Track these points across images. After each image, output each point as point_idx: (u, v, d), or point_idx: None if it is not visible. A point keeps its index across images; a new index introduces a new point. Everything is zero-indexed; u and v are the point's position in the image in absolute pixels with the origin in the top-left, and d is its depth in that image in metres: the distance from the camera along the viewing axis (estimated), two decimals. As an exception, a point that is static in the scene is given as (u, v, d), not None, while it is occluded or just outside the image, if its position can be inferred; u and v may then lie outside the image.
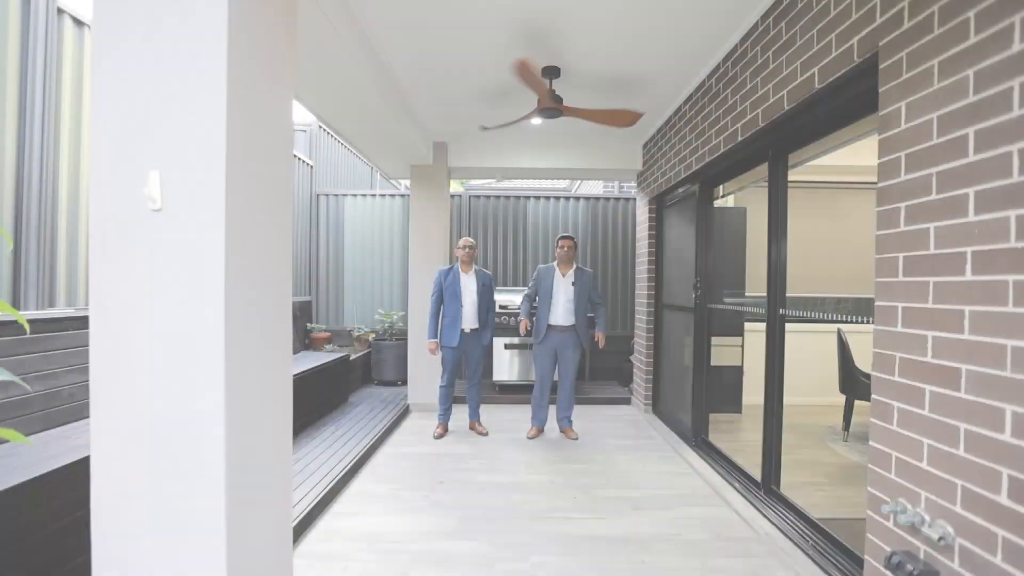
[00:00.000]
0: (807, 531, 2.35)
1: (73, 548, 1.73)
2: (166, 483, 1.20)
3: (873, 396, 1.71)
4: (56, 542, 1.69)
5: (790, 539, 2.36)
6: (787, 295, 2.71)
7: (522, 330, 4.00)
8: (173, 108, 1.17)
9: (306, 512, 2.52)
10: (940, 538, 1.37)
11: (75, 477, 1.75)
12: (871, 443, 1.72)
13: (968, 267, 1.35)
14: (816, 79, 2.08)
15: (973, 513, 1.31)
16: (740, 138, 2.81)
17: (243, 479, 1.25)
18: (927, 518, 1.45)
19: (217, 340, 1.16)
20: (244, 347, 1.25)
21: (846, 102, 2.04)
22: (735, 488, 2.95)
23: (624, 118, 3.24)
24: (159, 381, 1.19)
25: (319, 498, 2.69)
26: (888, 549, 1.59)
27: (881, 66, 1.69)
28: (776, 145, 2.65)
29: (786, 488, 2.70)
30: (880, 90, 1.70)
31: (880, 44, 1.70)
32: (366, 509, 2.72)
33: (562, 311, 3.90)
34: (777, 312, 2.70)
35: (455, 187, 9.76)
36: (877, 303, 1.70)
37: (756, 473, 2.90)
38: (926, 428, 1.48)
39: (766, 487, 2.76)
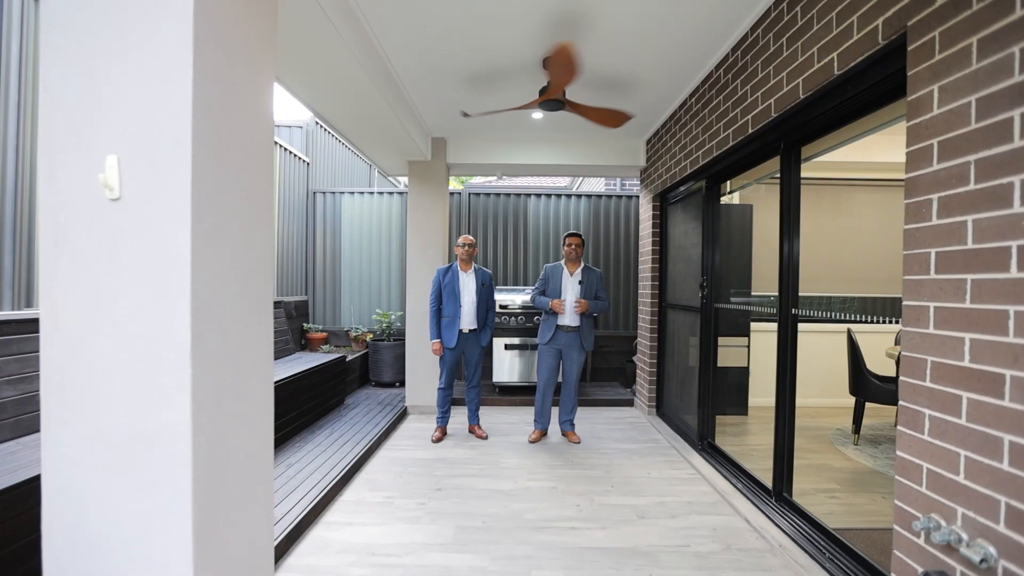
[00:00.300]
0: (823, 542, 2.23)
1: (30, 574, 1.60)
2: (126, 502, 1.08)
3: (900, 402, 1.59)
4: (10, 566, 1.56)
5: (805, 551, 2.24)
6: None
7: (558, 308, 3.75)
8: (133, 86, 1.05)
9: (296, 522, 2.40)
10: (982, 560, 1.25)
11: (37, 493, 1.62)
12: (898, 453, 1.60)
13: (1014, 263, 1.23)
14: (835, 65, 1.96)
15: (1020, 533, 1.19)
16: (751, 130, 2.69)
17: (214, 496, 1.13)
18: (964, 537, 1.33)
19: (183, 343, 1.04)
20: (215, 350, 1.13)
21: (868, 88, 1.92)
22: (744, 495, 2.83)
23: (613, 119, 3.20)
24: (118, 389, 1.07)
25: (310, 507, 2.57)
26: (919, 569, 1.47)
27: (910, 47, 1.57)
28: (789, 137, 2.53)
29: (798, 495, 2.59)
30: (909, 73, 1.58)
31: (909, 24, 1.58)
32: (360, 519, 2.60)
33: (569, 311, 3.79)
34: (789, 312, 2.58)
35: (455, 185, 9.64)
36: (905, 303, 1.58)
37: (766, 479, 2.78)
38: (963, 438, 1.36)
39: (777, 494, 2.64)
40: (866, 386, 3.58)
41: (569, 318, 3.78)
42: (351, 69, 2.74)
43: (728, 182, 3.58)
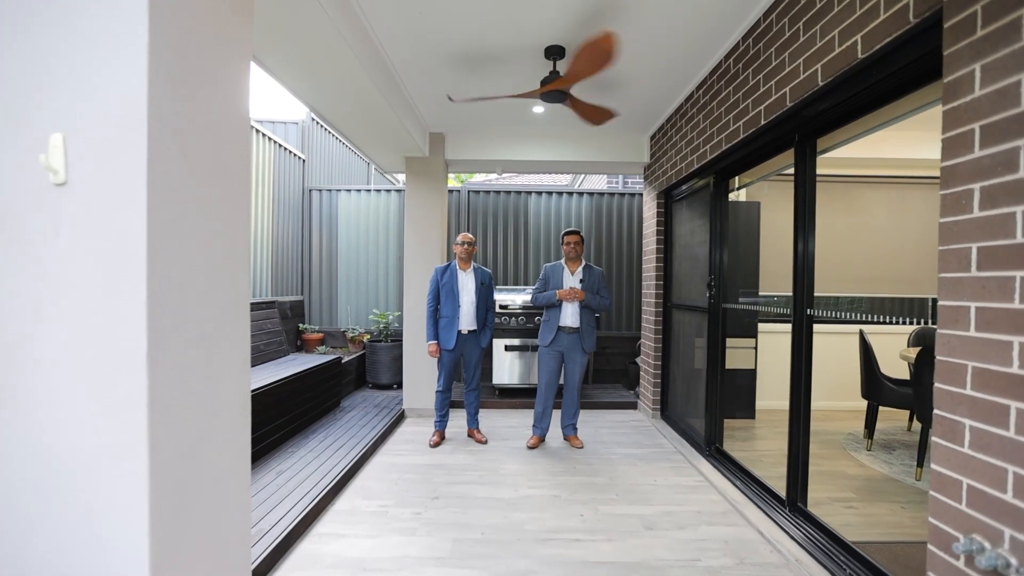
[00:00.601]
0: (843, 557, 2.10)
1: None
2: (73, 529, 0.95)
3: (936, 411, 1.47)
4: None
5: (824, 566, 2.11)
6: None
7: (566, 296, 3.60)
8: (81, 55, 0.92)
9: (284, 535, 2.27)
10: (1038, 590, 1.12)
11: None
12: (933, 466, 1.47)
13: (1074, 258, 1.10)
14: (859, 48, 1.83)
15: (1083, 562, 1.06)
16: (763, 122, 2.56)
17: (176, 521, 1.00)
18: (1014, 562, 1.20)
19: (138, 348, 0.91)
20: (178, 356, 1.00)
21: (894, 73, 1.79)
22: (756, 504, 2.70)
23: (596, 115, 3.10)
24: (63, 401, 0.94)
25: (300, 517, 2.44)
26: (960, 595, 1.34)
27: (946, 24, 1.44)
28: (804, 128, 2.40)
29: (812, 505, 2.46)
30: (945, 53, 1.45)
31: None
32: (352, 530, 2.47)
33: (571, 312, 3.65)
34: (804, 313, 2.45)
35: (454, 183, 9.52)
36: (941, 303, 1.45)
37: (778, 487, 2.65)
38: (1011, 452, 1.23)
39: (791, 504, 2.51)
40: (880, 390, 3.44)
41: (571, 319, 3.66)
42: (345, 59, 2.61)
43: (736, 178, 3.45)
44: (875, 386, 3.48)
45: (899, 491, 2.84)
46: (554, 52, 2.98)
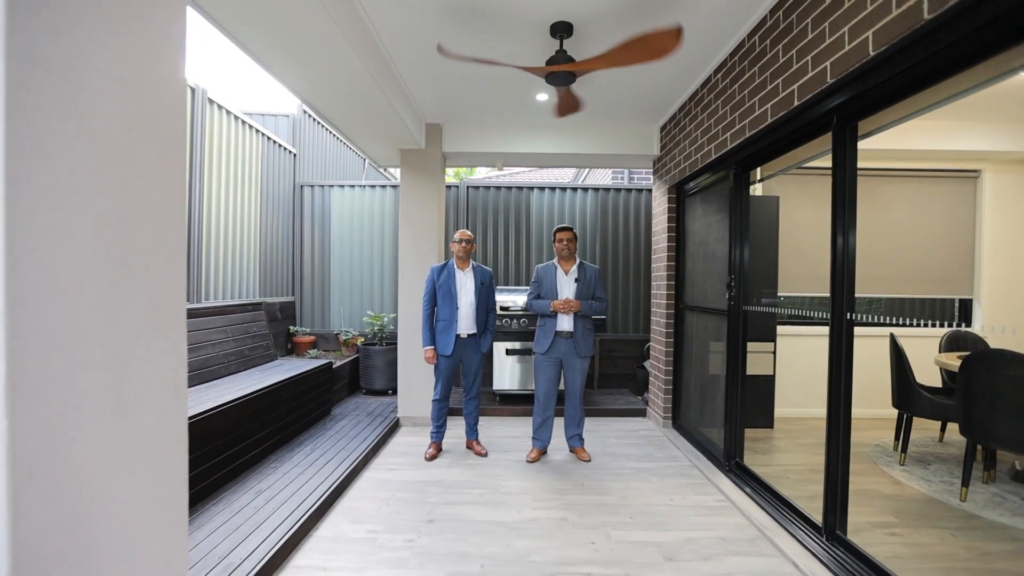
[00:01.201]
0: (896, 599, 1.83)
1: None
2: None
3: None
4: None
5: (875, 610, 1.84)
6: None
7: (560, 307, 3.33)
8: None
9: (257, 570, 1.99)
10: None
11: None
12: (1037, 510, 1.20)
13: None
14: (924, 7, 1.56)
15: None
16: (796, 103, 2.29)
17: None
18: None
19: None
20: (63, 387, 0.73)
21: (970, 35, 1.51)
22: (787, 530, 2.42)
23: (658, 44, 2.22)
24: None
25: (278, 547, 2.17)
26: None
27: (1055, -36, 1.17)
28: (844, 109, 2.12)
29: (852, 532, 2.19)
30: (1052, 0, 1.17)
31: (1054, -68, 1.18)
32: (335, 561, 2.20)
33: (566, 315, 3.38)
34: (844, 316, 2.18)
35: (452, 180, 9.24)
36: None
37: (810, 510, 2.39)
38: None
39: (829, 531, 2.24)
40: (915, 400, 3.17)
41: (568, 323, 3.38)
42: (331, 38, 2.34)
43: (758, 170, 3.17)
44: (908, 395, 3.21)
45: (945, 515, 2.57)
46: (561, 29, 2.70)
